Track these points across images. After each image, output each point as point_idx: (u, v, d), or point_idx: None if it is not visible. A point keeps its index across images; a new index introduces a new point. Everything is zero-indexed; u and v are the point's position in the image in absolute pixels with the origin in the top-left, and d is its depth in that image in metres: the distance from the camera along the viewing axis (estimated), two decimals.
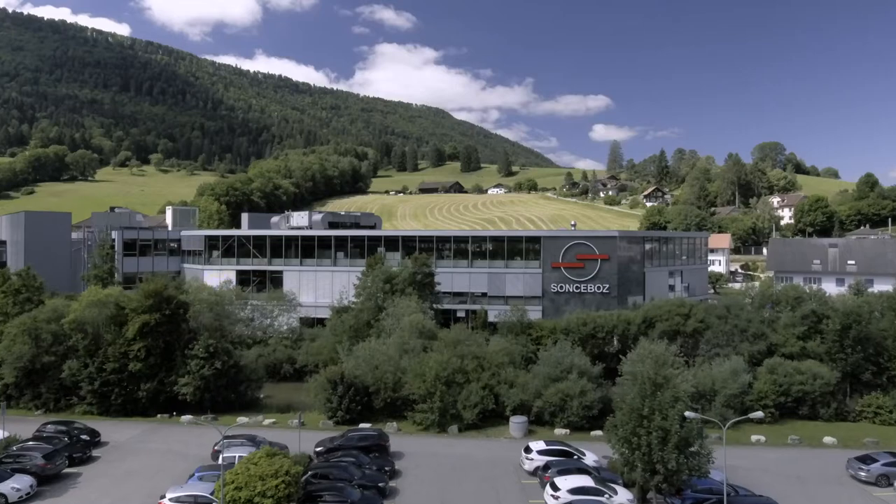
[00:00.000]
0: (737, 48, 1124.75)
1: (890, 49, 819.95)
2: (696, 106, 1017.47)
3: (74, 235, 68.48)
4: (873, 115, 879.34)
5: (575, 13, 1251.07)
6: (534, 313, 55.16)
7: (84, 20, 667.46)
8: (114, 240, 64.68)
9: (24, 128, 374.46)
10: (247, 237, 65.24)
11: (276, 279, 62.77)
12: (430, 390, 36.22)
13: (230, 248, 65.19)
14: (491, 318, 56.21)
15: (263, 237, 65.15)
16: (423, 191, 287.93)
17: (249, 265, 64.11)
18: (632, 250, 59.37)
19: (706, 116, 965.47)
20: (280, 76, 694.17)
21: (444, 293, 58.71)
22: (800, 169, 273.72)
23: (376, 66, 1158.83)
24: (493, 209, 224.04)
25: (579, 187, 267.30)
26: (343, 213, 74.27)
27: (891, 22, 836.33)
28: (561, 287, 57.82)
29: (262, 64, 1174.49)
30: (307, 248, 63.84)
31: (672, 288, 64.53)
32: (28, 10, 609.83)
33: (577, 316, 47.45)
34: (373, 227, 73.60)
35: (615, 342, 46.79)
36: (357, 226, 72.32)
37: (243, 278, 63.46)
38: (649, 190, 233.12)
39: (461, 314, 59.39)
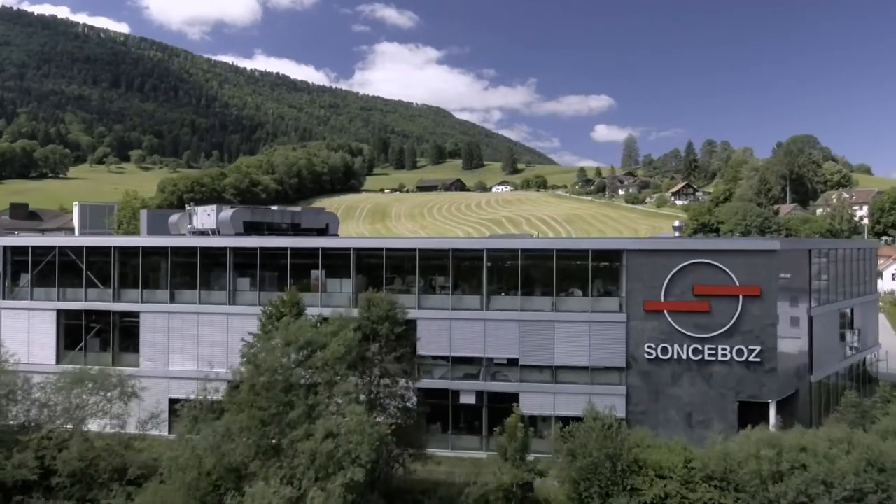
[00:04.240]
0: (738, 48, 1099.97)
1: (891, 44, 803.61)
2: (699, 106, 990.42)
3: None
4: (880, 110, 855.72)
5: (577, 13, 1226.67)
6: (611, 399, 27.46)
7: (82, 19, 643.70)
8: None
9: (1, 123, 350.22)
10: (77, 249, 34.38)
11: (129, 328, 34.20)
12: None
13: (51, 270, 34.77)
14: (526, 408, 28.34)
15: (107, 249, 34.36)
16: (422, 189, 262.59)
17: (82, 301, 34.40)
18: (792, 277, 31.14)
19: (709, 117, 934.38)
20: (278, 74, 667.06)
21: (437, 359, 30.87)
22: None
23: (377, 65, 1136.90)
24: (500, 208, 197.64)
25: (594, 184, 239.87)
26: (275, 208, 44.89)
27: (891, 21, 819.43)
28: (664, 349, 29.33)
29: (262, 64, 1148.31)
30: (184, 271, 34.11)
31: (859, 338, 36.43)
32: (25, 7, 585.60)
33: (752, 443, 19.40)
34: (324, 232, 44.95)
35: None
36: (296, 229, 43.16)
37: (72, 325, 35.10)
38: (678, 186, 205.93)
39: (467, 398, 31.30)
